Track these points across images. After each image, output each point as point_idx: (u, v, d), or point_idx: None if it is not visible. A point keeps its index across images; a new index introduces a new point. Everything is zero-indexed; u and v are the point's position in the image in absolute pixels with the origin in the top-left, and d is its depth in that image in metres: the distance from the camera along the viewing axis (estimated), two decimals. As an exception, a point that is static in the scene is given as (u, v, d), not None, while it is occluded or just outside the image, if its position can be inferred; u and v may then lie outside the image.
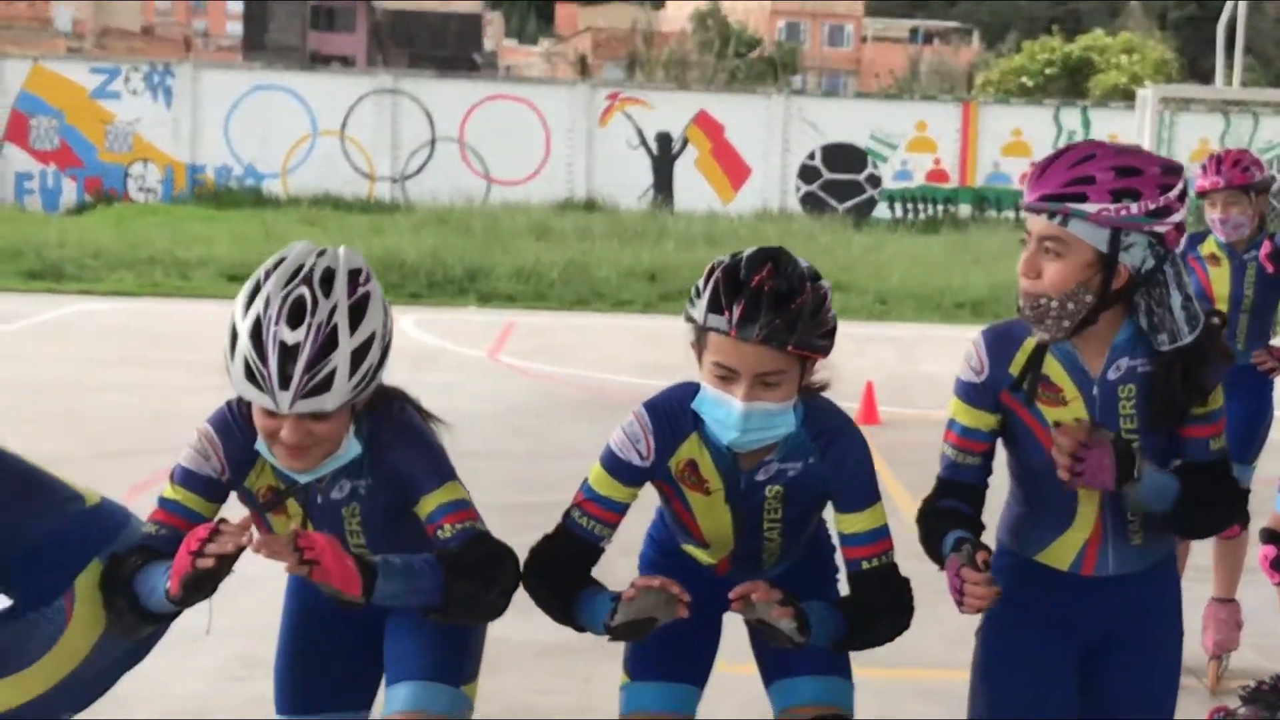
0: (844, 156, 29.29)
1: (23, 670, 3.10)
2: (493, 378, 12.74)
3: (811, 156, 29.23)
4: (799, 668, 3.34)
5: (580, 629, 3.17)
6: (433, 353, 14.08)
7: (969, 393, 3.18)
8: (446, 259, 18.33)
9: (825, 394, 3.23)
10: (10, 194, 26.75)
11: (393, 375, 3.19)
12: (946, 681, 5.54)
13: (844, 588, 3.37)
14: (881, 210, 29.29)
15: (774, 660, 3.39)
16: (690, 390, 3.16)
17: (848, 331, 14.50)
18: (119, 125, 27.19)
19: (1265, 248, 5.96)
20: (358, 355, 2.93)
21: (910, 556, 3.32)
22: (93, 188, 26.94)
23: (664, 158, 28.88)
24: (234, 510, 3.17)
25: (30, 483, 3.20)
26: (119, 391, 11.28)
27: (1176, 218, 2.97)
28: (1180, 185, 2.97)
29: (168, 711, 5.11)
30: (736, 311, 2.96)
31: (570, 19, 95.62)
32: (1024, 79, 49.77)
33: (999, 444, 3.23)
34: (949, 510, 3.18)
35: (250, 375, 2.90)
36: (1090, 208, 2.93)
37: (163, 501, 3.13)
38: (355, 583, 2.86)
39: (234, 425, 3.12)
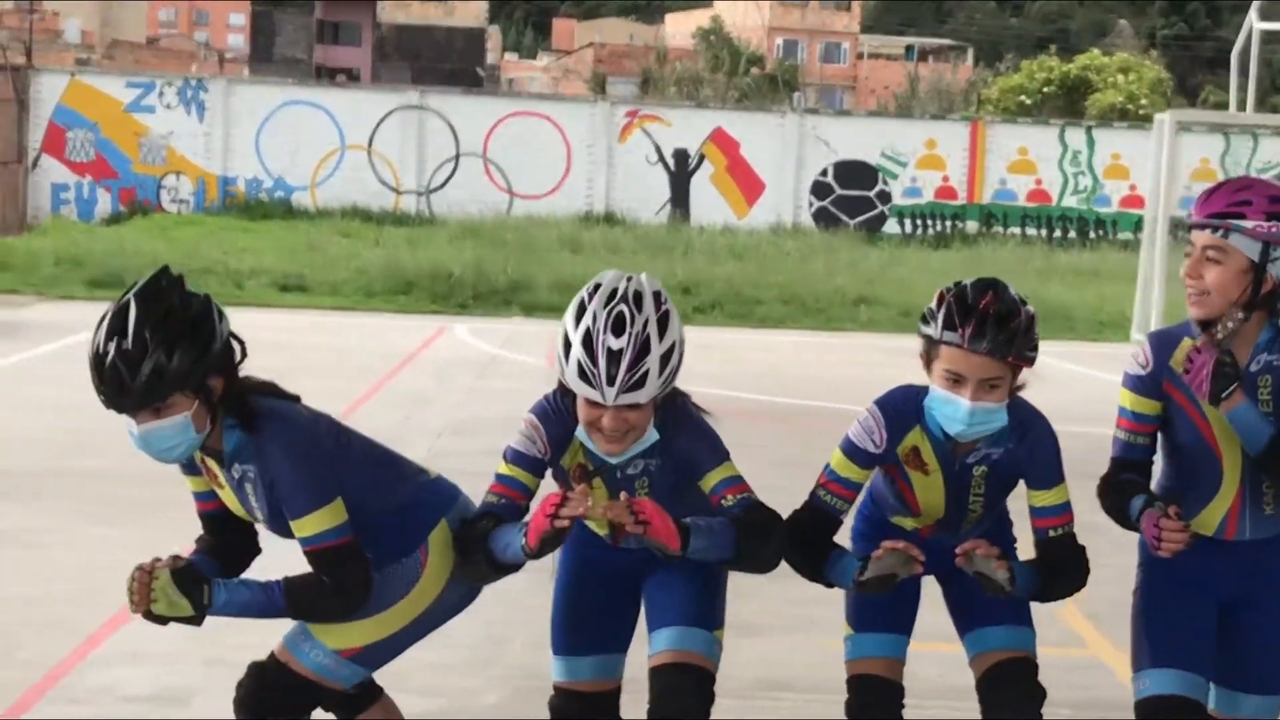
0: (855, 173, 30.10)
1: (387, 610, 3.79)
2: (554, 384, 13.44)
3: (824, 173, 30.04)
4: (995, 618, 4.00)
5: (829, 585, 3.89)
6: (491, 360, 14.73)
7: (1137, 384, 3.86)
8: (489, 271, 19.06)
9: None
10: (46, 204, 27.47)
11: (457, 381, 3.84)
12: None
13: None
14: (891, 225, 30.09)
15: (971, 611, 4.05)
16: (913, 391, 3.87)
17: (876, 344, 15.38)
18: (153, 138, 27.95)
19: None
20: (664, 359, 3.62)
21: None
22: (127, 199, 27.66)
23: (681, 173, 29.68)
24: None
25: (390, 460, 3.92)
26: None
27: None
28: None
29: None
30: (968, 330, 3.66)
31: (566, 34, 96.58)
32: (1023, 97, 50.76)
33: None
34: (1128, 481, 3.86)
35: (583, 374, 3.58)
36: (1248, 224, 3.67)
37: (499, 477, 3.78)
38: (675, 539, 3.57)
39: (552, 414, 3.79)
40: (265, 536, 3.98)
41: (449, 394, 12.61)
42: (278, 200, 28.00)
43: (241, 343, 3.71)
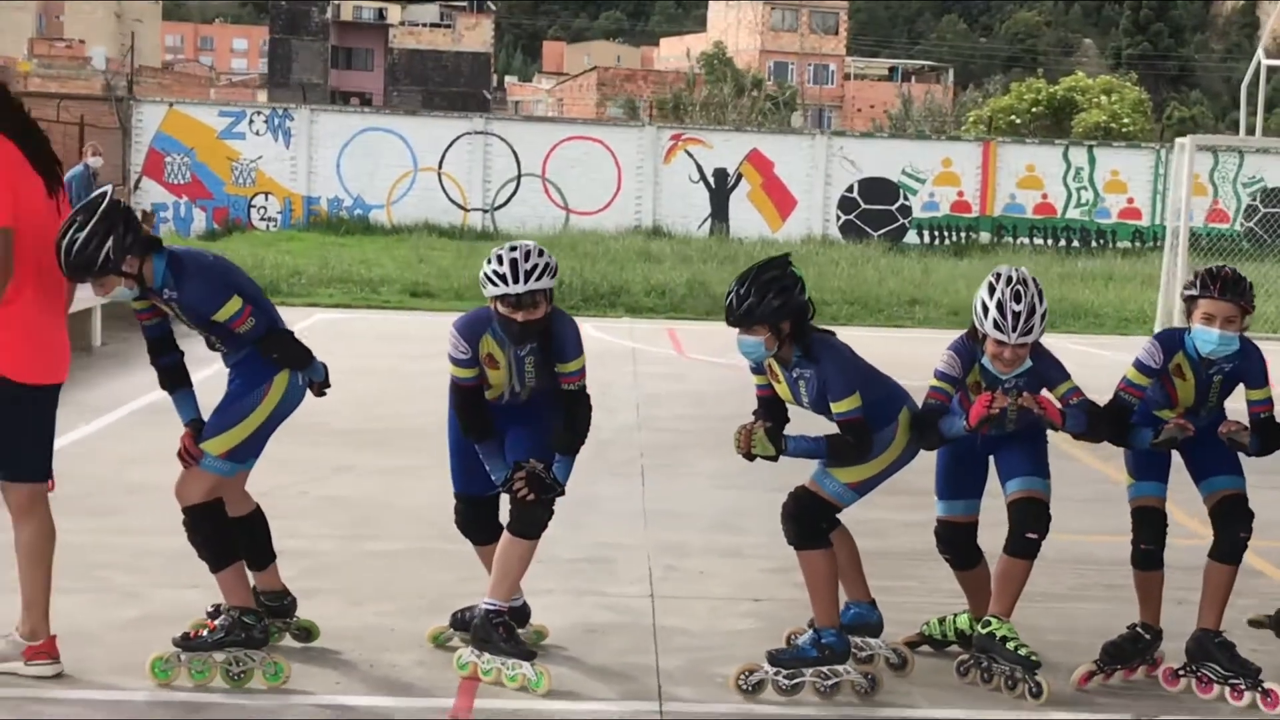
0: (878, 189, 32.93)
1: (875, 458, 6.16)
2: (704, 368, 16.03)
3: (850, 189, 32.87)
4: (1221, 470, 6.41)
5: (1129, 446, 6.33)
6: (630, 352, 17.21)
7: None
8: (590, 278, 21.64)
9: None
10: (148, 223, 29.87)
11: (619, 368, 6.23)
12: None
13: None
14: (911, 237, 32.89)
15: (1205, 467, 6.43)
16: (1177, 330, 6.34)
17: (934, 337, 18.33)
18: (243, 162, 30.51)
19: None
20: (1042, 316, 6.03)
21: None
22: (220, 217, 30.17)
23: (720, 191, 32.41)
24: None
25: (875, 370, 6.29)
26: (437, 376, 14.37)
27: None
28: None
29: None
30: (1216, 288, 6.13)
31: (555, 56, 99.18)
32: (1013, 117, 53.71)
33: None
34: None
35: (997, 325, 5.97)
36: None
37: (933, 388, 6.16)
38: (1060, 418, 6.03)
39: (964, 350, 6.20)
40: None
41: (620, 376, 15.13)
42: (357, 218, 30.56)
43: (814, 306, 6.15)
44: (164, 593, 7.12)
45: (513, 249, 6.04)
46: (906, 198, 33.04)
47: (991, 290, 6.09)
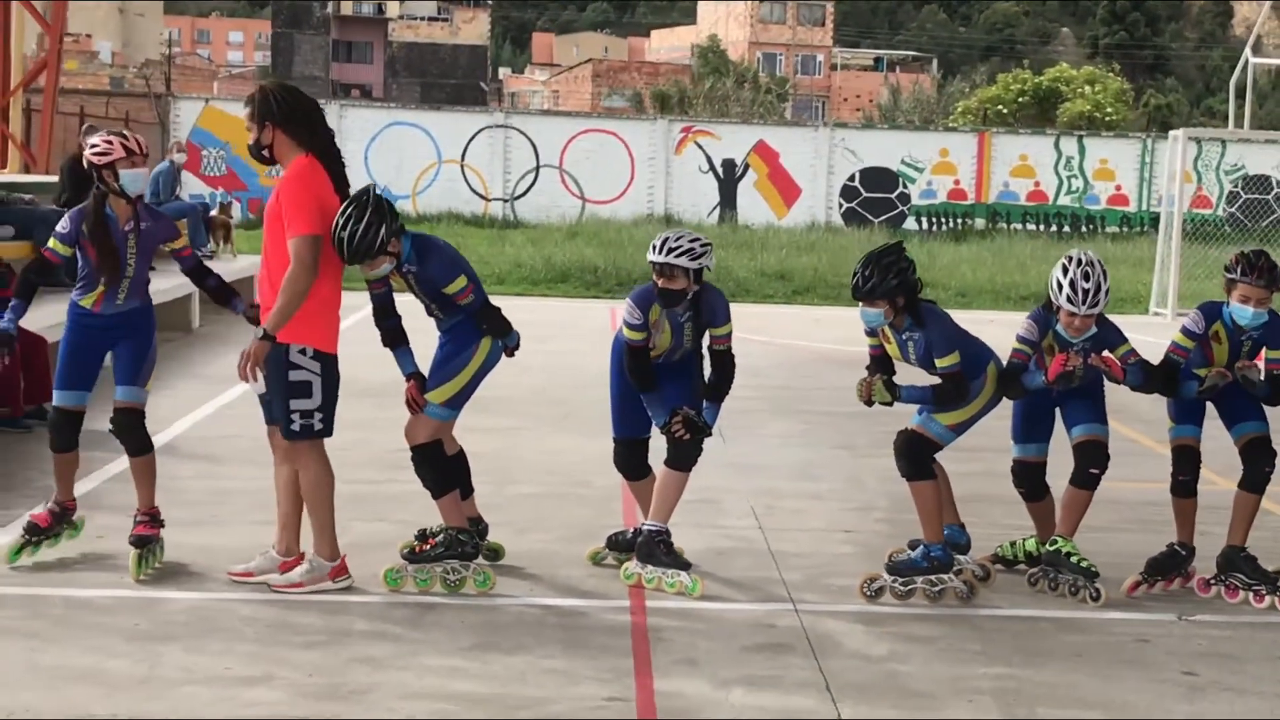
0: (879, 178, 34.40)
1: (969, 404, 7.39)
2: (746, 345, 17.26)
3: (852, 178, 34.35)
4: (1248, 417, 7.72)
5: (1177, 396, 7.64)
6: (670, 330, 18.54)
7: None
8: (622, 264, 23.00)
9: None
10: (183, 213, 31.19)
11: None
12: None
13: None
14: (910, 223, 34.39)
15: (1234, 414, 7.70)
16: (1216, 303, 7.60)
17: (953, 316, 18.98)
18: (276, 155, 31.69)
19: None
20: (1107, 292, 7.30)
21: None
22: (255, 208, 31.35)
23: (729, 180, 33.84)
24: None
25: (968, 335, 7.59)
26: (545, 355, 15.55)
27: None
28: None
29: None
30: (1254, 275, 7.43)
31: (544, 48, 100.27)
32: (999, 107, 55.24)
33: None
34: None
35: (1069, 299, 7.24)
36: None
37: (1016, 349, 7.46)
38: (1121, 374, 7.37)
39: (1039, 319, 7.48)
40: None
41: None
42: (384, 208, 31.83)
43: (922, 283, 7.50)
44: (357, 525, 8.45)
45: (669, 232, 7.42)
46: (905, 186, 34.53)
47: (1065, 270, 7.36)
